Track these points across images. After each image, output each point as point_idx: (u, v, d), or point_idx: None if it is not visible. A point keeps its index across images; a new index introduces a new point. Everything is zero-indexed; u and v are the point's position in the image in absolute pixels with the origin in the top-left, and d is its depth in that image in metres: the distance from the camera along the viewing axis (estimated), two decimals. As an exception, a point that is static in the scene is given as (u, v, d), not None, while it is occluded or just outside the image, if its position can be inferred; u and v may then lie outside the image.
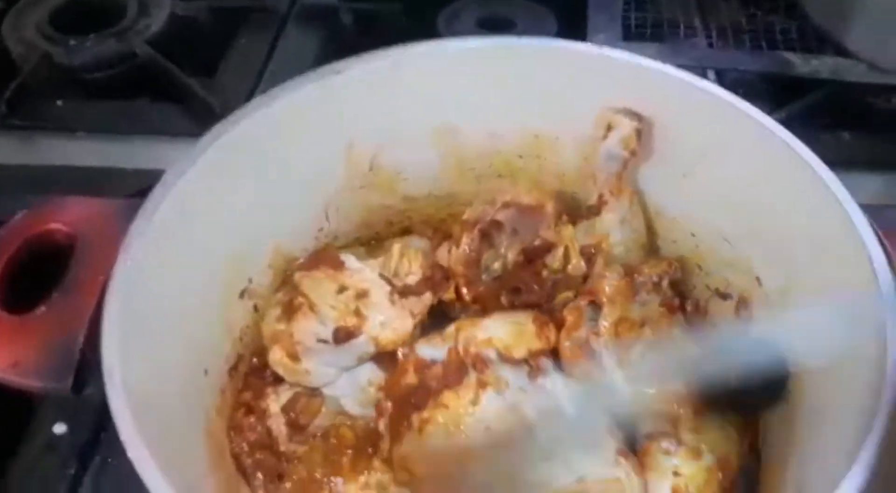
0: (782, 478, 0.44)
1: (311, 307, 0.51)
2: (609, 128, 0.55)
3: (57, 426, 0.57)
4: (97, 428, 0.57)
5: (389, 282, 0.54)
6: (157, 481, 0.33)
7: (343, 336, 0.51)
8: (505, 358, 0.50)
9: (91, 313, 0.41)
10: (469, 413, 0.47)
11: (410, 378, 0.50)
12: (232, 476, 0.50)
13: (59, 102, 0.82)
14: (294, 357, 0.52)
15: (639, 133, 0.54)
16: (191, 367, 0.47)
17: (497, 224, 0.58)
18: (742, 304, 0.55)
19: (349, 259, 0.55)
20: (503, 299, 0.57)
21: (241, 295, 0.54)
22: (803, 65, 0.83)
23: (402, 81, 0.55)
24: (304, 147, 0.55)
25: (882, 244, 0.43)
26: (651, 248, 0.61)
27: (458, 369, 0.50)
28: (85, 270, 0.43)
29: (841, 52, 0.84)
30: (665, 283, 0.56)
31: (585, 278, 0.57)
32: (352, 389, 0.53)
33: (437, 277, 0.55)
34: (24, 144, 0.80)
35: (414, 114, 0.58)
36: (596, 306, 0.52)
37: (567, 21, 0.91)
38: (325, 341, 0.51)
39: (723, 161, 0.54)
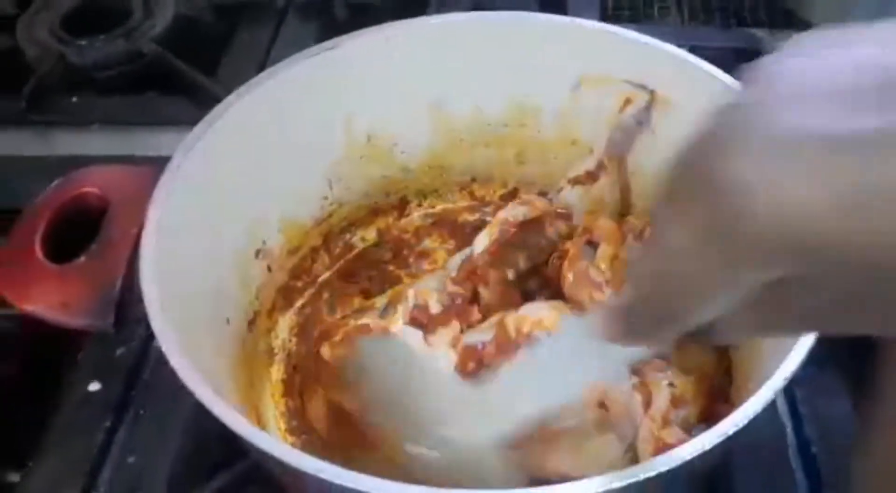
0: (747, 387, 0.50)
1: None
2: (627, 102, 0.60)
3: (91, 385, 0.62)
4: (128, 386, 0.62)
5: (419, 324, 0.54)
6: (197, 380, 0.38)
7: None
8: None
9: (127, 259, 0.46)
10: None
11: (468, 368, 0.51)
12: (256, 417, 0.56)
13: (73, 99, 0.88)
14: None
15: (648, 107, 0.60)
16: (214, 313, 0.53)
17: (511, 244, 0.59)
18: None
19: (371, 320, 0.55)
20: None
21: (256, 255, 0.60)
22: (771, 40, 0.89)
23: (393, 55, 0.61)
24: (305, 119, 0.60)
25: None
26: (625, 205, 0.67)
27: (509, 342, 0.51)
28: (118, 226, 0.48)
29: (806, 27, 0.89)
30: (648, 233, 0.61)
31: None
32: None
33: (457, 305, 0.56)
34: (42, 137, 0.85)
35: (405, 87, 0.63)
36: (592, 245, 0.58)
37: (548, 6, 0.97)
38: None
39: (688, 117, 0.59)
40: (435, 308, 0.55)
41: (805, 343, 0.41)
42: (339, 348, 0.52)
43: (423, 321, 0.54)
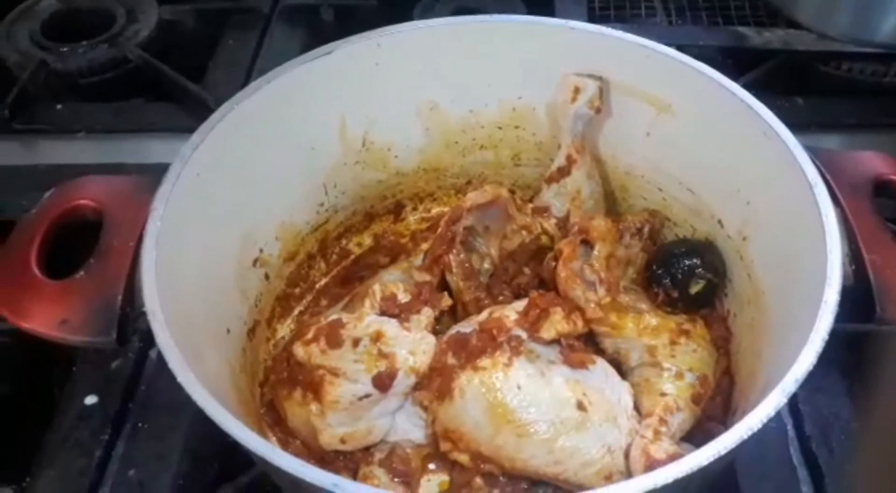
0: (752, 386, 0.50)
1: (335, 373, 0.51)
2: (576, 91, 0.60)
3: (88, 398, 0.61)
4: (126, 398, 0.61)
5: (391, 315, 0.54)
6: (208, 400, 0.37)
7: (386, 381, 0.51)
8: (534, 338, 0.53)
9: (126, 274, 0.45)
10: (503, 373, 0.50)
11: (450, 359, 0.52)
12: (257, 427, 0.55)
13: (58, 106, 0.86)
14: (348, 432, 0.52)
15: (601, 92, 0.60)
16: (215, 324, 0.52)
17: (470, 230, 0.62)
18: (708, 246, 0.61)
19: (342, 314, 0.54)
20: (505, 292, 0.62)
21: (254, 264, 0.59)
22: (757, 37, 0.89)
23: (386, 60, 0.60)
24: (302, 124, 0.60)
25: (822, 176, 0.48)
26: (614, 206, 0.67)
27: (493, 338, 0.52)
28: (115, 238, 0.48)
29: (791, 24, 0.90)
30: (646, 230, 0.62)
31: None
32: (410, 421, 0.54)
33: (425, 292, 0.57)
34: (27, 146, 0.84)
35: (399, 91, 0.63)
36: (588, 245, 0.58)
37: (535, 9, 0.97)
38: (367, 396, 0.51)
39: (682, 118, 0.59)
40: (403, 298, 0.55)
41: (814, 348, 0.41)
42: (311, 345, 0.52)
43: (395, 311, 0.54)
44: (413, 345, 0.51)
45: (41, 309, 0.44)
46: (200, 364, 0.44)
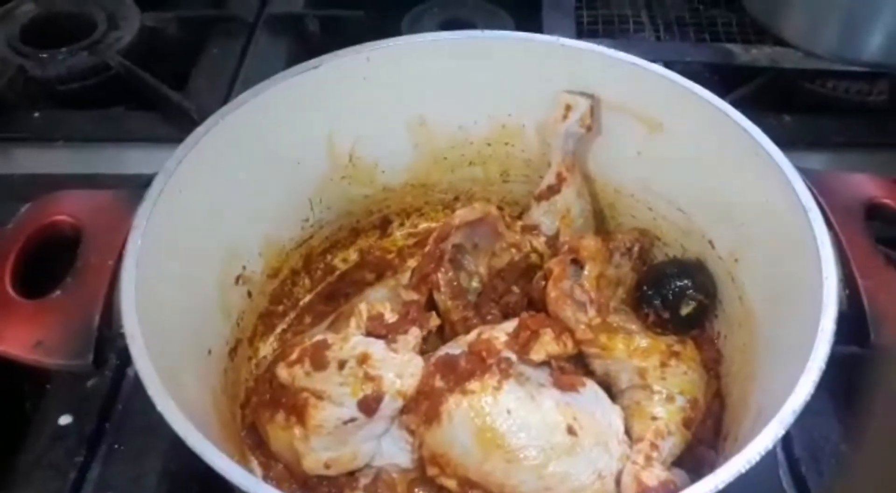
0: (745, 410, 0.50)
1: (319, 396, 0.49)
2: (568, 109, 0.60)
3: (62, 418, 0.59)
4: (102, 418, 0.59)
5: (377, 335, 0.53)
6: (190, 430, 0.36)
7: (372, 404, 0.49)
8: (524, 360, 0.52)
9: (104, 294, 0.43)
10: (492, 397, 0.49)
11: (438, 382, 0.50)
12: (239, 451, 0.53)
13: (35, 114, 0.84)
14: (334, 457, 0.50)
15: (592, 110, 0.60)
16: (196, 345, 0.50)
17: (459, 248, 0.61)
18: (698, 267, 0.60)
19: (327, 335, 0.52)
20: (494, 311, 0.60)
21: (237, 281, 0.57)
22: (744, 54, 0.90)
23: (376, 75, 0.60)
24: (288, 138, 0.58)
25: (816, 199, 0.48)
26: (602, 224, 0.67)
27: (482, 360, 0.51)
28: (94, 255, 0.46)
29: (778, 41, 0.90)
30: (636, 249, 0.61)
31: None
32: (396, 446, 0.52)
33: (413, 312, 0.55)
34: (3, 155, 0.81)
35: (388, 106, 0.62)
36: (578, 264, 0.57)
37: (523, 22, 0.96)
38: (352, 420, 0.49)
39: (674, 138, 0.59)
40: (390, 317, 0.54)
41: (811, 378, 0.40)
42: (295, 367, 0.50)
43: (382, 331, 0.53)
44: (400, 367, 0.50)
45: (15, 331, 0.43)
46: (181, 389, 0.42)
